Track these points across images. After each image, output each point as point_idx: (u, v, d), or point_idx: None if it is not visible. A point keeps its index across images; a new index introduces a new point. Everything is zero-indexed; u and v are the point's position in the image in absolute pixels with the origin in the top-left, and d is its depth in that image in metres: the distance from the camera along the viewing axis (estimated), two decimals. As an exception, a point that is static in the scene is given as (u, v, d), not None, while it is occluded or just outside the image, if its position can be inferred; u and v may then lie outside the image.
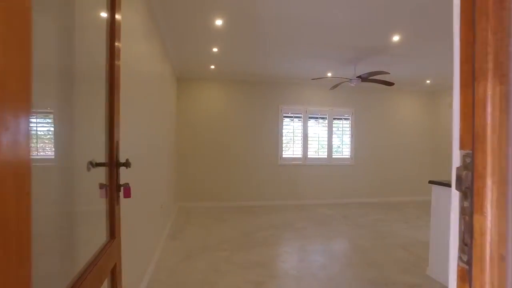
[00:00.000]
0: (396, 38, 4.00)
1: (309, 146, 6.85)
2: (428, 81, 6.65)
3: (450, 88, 6.87)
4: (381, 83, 5.28)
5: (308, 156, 6.83)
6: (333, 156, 6.97)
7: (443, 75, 6.10)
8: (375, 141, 7.14)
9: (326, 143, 6.94)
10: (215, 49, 4.65)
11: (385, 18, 3.40)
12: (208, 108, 6.47)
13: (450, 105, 6.79)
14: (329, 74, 6.04)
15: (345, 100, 7.01)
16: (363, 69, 5.41)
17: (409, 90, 7.34)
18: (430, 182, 3.06)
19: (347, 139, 7.06)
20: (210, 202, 6.45)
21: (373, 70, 5.09)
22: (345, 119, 7.06)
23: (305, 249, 3.91)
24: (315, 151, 6.94)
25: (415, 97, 7.40)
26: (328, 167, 6.91)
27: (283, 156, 6.75)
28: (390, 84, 5.29)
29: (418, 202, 7.08)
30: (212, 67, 5.73)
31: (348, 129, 7.06)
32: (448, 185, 2.87)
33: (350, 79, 5.10)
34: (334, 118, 6.99)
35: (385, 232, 4.61)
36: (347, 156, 7.04)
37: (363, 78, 5.01)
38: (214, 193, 6.48)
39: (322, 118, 6.95)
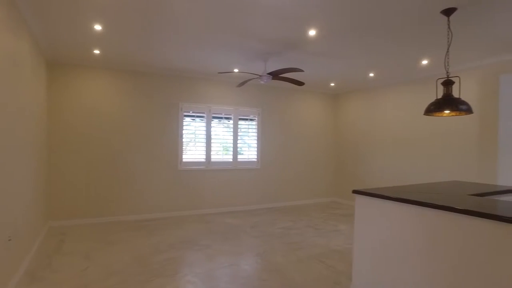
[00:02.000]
0: (312, 32, 3.68)
1: (212, 148, 6.21)
2: (332, 84, 6.75)
3: (350, 92, 7.12)
4: (292, 82, 5.00)
5: (212, 160, 6.19)
6: (239, 160, 6.49)
7: (346, 79, 6.23)
8: (281, 143, 6.94)
9: (231, 145, 6.42)
10: (98, 27, 3.60)
11: (304, 6, 3.00)
12: (93, 104, 5.22)
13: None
14: (236, 70, 5.52)
15: (252, 100, 6.60)
16: (274, 66, 5.04)
17: (314, 92, 7.38)
18: (354, 192, 2.77)
19: (253, 141, 6.67)
20: (93, 219, 5.21)
21: (286, 67, 4.74)
22: (251, 119, 6.66)
23: (213, 275, 3.23)
24: (220, 154, 6.34)
25: (320, 99, 7.50)
26: (233, 171, 6.39)
27: (184, 160, 5.95)
28: (300, 83, 5.05)
29: (321, 204, 7.16)
30: (97, 51, 4.57)
31: (254, 130, 6.68)
32: (373, 195, 2.61)
33: (260, 76, 4.65)
34: (240, 119, 6.52)
35: (297, 242, 4.28)
36: (254, 159, 6.66)
37: (275, 75, 4.63)
38: (99, 207, 5.27)
39: (227, 118, 6.40)
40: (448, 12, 3.11)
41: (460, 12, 3.13)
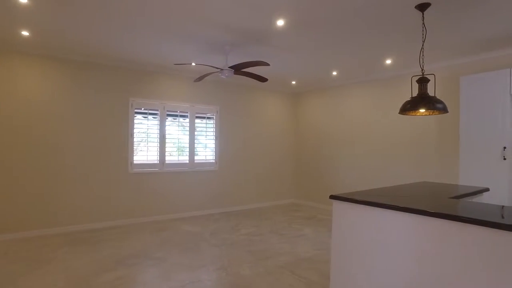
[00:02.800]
0: (280, 23, 3.36)
1: (167, 149, 5.66)
2: (294, 82, 6.53)
3: (312, 91, 6.97)
4: (254, 78, 4.65)
5: (166, 162, 5.63)
6: (196, 161, 6.00)
7: (308, 77, 6.05)
8: (241, 143, 6.57)
9: (187, 145, 5.91)
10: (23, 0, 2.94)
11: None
12: (26, 97, 4.41)
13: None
14: (194, 64, 5.05)
15: (209, 97, 6.15)
16: (235, 60, 4.66)
17: (275, 90, 7.12)
18: (332, 197, 2.50)
19: (211, 141, 6.22)
20: (25, 232, 4.41)
21: (251, 60, 4.38)
22: (209, 118, 6.20)
23: (172, 296, 2.78)
24: (174, 155, 5.81)
25: (280, 97, 7.26)
26: (190, 173, 5.89)
27: (135, 162, 5.33)
28: (263, 79, 4.72)
29: (282, 206, 6.92)
30: (25, 33, 3.83)
31: (212, 129, 6.23)
32: (352, 200, 2.35)
33: (221, 69, 4.24)
34: (197, 117, 6.04)
35: (263, 251, 3.95)
36: (211, 160, 6.21)
37: (237, 69, 4.25)
38: (32, 218, 4.48)
39: (183, 116, 5.88)
40: (422, 7, 2.99)
41: (428, 12, 3.03)
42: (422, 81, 2.96)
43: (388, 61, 4.85)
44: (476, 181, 4.02)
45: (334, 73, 5.68)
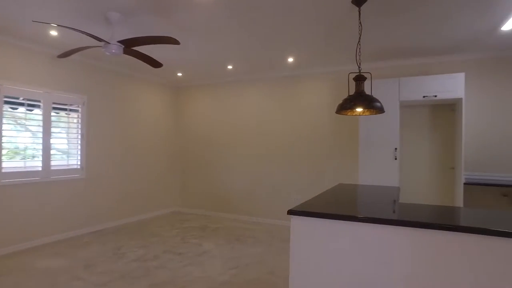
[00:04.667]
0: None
1: (3, 151, 3.94)
2: (179, 74, 5.69)
3: (200, 86, 6.30)
4: (147, 62, 3.69)
5: (3, 170, 3.92)
6: (53, 167, 4.43)
7: (197, 69, 5.34)
8: (115, 144, 5.29)
9: (40, 146, 4.29)
10: None
11: None
12: None
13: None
14: (55, 33, 3.64)
15: (74, 82, 4.67)
16: (126, 33, 3.57)
17: (156, 82, 6.08)
18: (290, 212, 1.98)
19: (75, 140, 4.74)
20: None
21: (152, 35, 3.37)
22: (72, 110, 4.71)
23: None
24: (19, 161, 4.12)
25: (162, 91, 6.26)
26: (44, 185, 4.28)
27: None
28: (158, 64, 3.80)
29: (164, 217, 5.96)
30: None
31: (77, 125, 4.76)
32: (317, 214, 1.91)
33: (107, 43, 3.12)
34: (55, 108, 4.48)
35: (169, 282, 3.06)
36: (76, 166, 4.73)
37: (131, 45, 3.20)
38: None
39: (33, 105, 4.25)
40: (359, 2, 2.84)
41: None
42: (359, 79, 2.79)
43: (290, 59, 4.70)
44: (373, 179, 4.26)
45: (230, 67, 5.19)
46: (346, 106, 2.75)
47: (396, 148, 4.19)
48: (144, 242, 4.36)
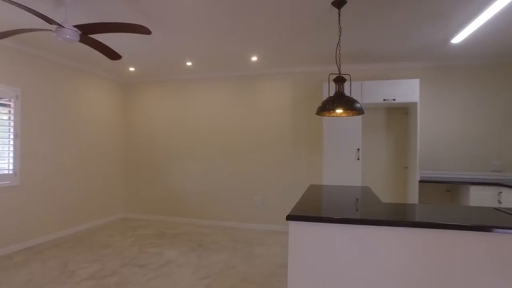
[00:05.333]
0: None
1: None
2: (132, 69, 5.20)
3: (152, 83, 5.87)
4: (105, 53, 3.27)
5: None
6: (-23, 173, 3.70)
7: (152, 64, 4.94)
8: (56, 145, 4.64)
9: (-40, 147, 3.55)
10: None
11: None
12: None
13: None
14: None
15: (4, 71, 3.97)
16: (83, 17, 3.11)
17: (104, 77, 5.48)
18: (289, 218, 1.87)
19: (5, 140, 4.03)
20: None
21: (121, 21, 2.98)
22: (2, 104, 4.00)
23: None
24: None
25: (111, 86, 5.68)
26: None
27: None
28: (116, 56, 3.39)
29: (113, 224, 5.40)
30: None
31: (8, 123, 4.06)
32: (319, 219, 1.83)
33: (61, 26, 2.66)
34: (-20, 102, 3.75)
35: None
36: (7, 171, 4.02)
37: (90, 32, 2.78)
38: None
39: (-50, 98, 3.49)
40: (339, 4, 2.84)
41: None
42: (339, 81, 2.79)
43: (254, 58, 4.59)
44: (336, 179, 4.36)
45: (189, 63, 4.91)
46: (327, 107, 2.72)
47: (358, 149, 4.33)
48: (95, 255, 3.87)
